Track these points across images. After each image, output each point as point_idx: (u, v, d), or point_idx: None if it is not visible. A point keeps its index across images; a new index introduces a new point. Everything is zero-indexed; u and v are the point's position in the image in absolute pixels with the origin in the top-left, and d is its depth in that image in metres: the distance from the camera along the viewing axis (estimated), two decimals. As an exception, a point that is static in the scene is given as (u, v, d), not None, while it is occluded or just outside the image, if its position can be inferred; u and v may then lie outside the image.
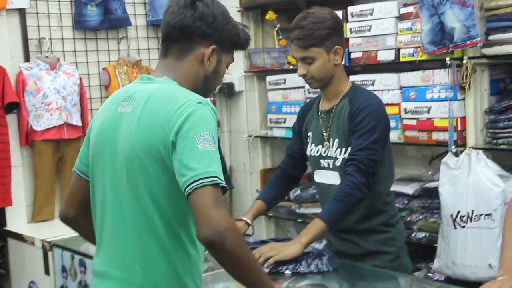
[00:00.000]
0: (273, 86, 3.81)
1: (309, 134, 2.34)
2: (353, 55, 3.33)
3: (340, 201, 2.08)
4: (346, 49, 3.34)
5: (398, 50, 3.13)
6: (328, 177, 2.27)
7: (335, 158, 2.23)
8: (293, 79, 3.70)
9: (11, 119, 3.37)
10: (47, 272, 3.09)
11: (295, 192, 3.71)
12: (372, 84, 3.23)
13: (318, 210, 3.61)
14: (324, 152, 2.27)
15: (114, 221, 1.63)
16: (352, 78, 3.31)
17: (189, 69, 1.68)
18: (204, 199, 1.45)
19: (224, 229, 1.43)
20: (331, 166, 2.24)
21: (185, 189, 1.47)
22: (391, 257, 2.24)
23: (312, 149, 2.32)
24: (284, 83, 3.75)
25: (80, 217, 1.77)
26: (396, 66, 3.21)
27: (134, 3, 3.86)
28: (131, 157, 1.57)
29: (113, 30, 3.77)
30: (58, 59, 3.52)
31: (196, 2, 1.66)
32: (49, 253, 3.05)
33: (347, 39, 3.34)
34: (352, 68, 3.47)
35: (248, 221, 2.29)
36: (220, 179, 1.48)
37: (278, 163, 4.02)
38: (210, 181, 1.46)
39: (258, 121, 4.05)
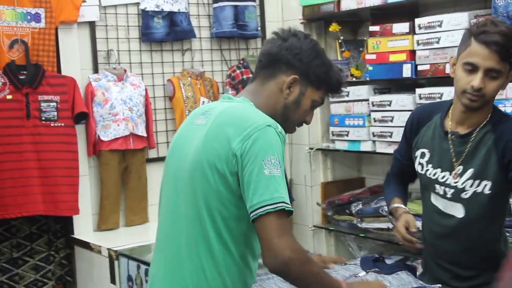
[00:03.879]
0: (336, 99, 3.78)
1: (424, 151, 2.10)
2: (420, 68, 3.27)
3: None
4: (413, 62, 3.29)
5: (468, 63, 3.05)
6: (446, 206, 2.05)
7: (462, 190, 1.99)
8: (357, 92, 3.67)
9: (79, 129, 3.45)
10: (113, 281, 3.13)
11: (357, 206, 3.67)
12: (440, 98, 3.16)
13: (380, 225, 3.58)
14: (443, 178, 2.04)
15: (171, 226, 1.69)
16: (418, 91, 3.27)
17: (269, 94, 1.73)
18: (269, 227, 1.51)
19: (288, 258, 1.51)
20: (449, 196, 2.02)
21: (250, 213, 1.53)
22: None
23: (427, 170, 2.08)
24: (348, 95, 3.71)
25: None
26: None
27: (198, 15, 3.90)
28: (196, 165, 1.62)
29: (177, 42, 3.82)
30: (125, 71, 3.58)
31: (291, 36, 1.73)
32: (115, 262, 3.09)
33: (414, 52, 3.30)
34: (417, 81, 3.42)
35: (405, 207, 2.15)
36: (286, 203, 1.53)
37: (339, 176, 4.04)
38: (274, 208, 1.51)
39: (319, 134, 4.02)
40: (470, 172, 1.98)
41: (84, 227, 3.48)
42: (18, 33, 3.25)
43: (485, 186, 1.95)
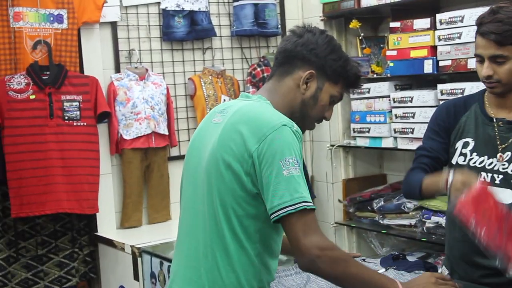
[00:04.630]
0: (357, 95, 3.78)
1: (467, 140, 2.08)
2: (441, 63, 3.24)
3: None
4: (434, 57, 3.27)
5: (489, 58, 3.03)
6: None
7: None
8: (378, 88, 3.65)
9: (102, 129, 3.49)
10: (136, 277, 3.16)
11: (378, 203, 3.66)
12: (462, 93, 3.14)
13: (402, 222, 3.56)
14: (490, 165, 2.02)
15: (189, 222, 1.71)
16: (440, 87, 3.25)
17: (286, 91, 1.73)
18: (293, 228, 1.53)
19: (315, 256, 1.51)
20: (498, 182, 1.99)
21: (271, 214, 1.55)
22: None
23: (471, 159, 2.06)
24: (368, 92, 3.70)
25: None
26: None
27: (219, 14, 3.92)
28: (211, 163, 1.64)
29: (198, 40, 3.84)
30: (147, 70, 3.61)
31: (306, 32, 1.73)
32: (138, 259, 3.13)
33: (435, 47, 3.28)
34: (438, 76, 3.39)
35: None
36: (307, 202, 1.54)
37: (360, 173, 4.04)
38: (295, 208, 1.52)
39: (340, 131, 4.02)
40: None
41: (107, 224, 3.53)
42: (41, 34, 3.30)
43: None
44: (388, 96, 3.58)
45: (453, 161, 2.11)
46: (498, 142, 2.02)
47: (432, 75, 3.33)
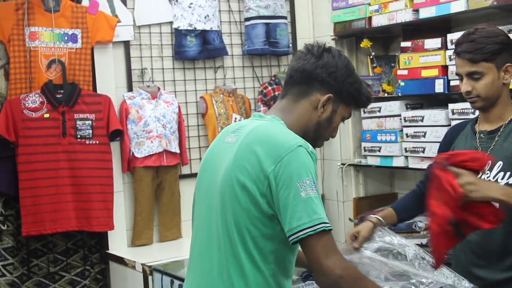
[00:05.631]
0: (368, 114, 3.79)
1: None
2: (452, 83, 3.26)
3: None
4: (445, 77, 3.28)
5: (501, 77, 3.03)
6: None
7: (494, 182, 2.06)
8: (389, 107, 3.66)
9: (114, 147, 3.51)
10: (147, 296, 3.17)
11: (389, 222, 3.65)
12: (473, 113, 3.14)
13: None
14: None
15: (203, 242, 1.71)
16: (451, 106, 3.25)
17: (302, 112, 1.73)
18: (314, 250, 1.53)
19: (339, 277, 1.53)
20: None
21: (289, 236, 1.55)
22: None
23: None
24: (379, 111, 3.71)
25: None
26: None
27: (230, 33, 3.95)
28: (226, 183, 1.64)
29: (210, 59, 3.87)
30: (159, 88, 3.64)
31: (324, 52, 1.73)
32: (149, 277, 3.13)
33: (446, 67, 3.29)
34: (449, 96, 3.40)
35: (379, 217, 2.22)
36: (325, 223, 1.55)
37: (371, 192, 4.03)
38: (315, 230, 1.53)
39: (351, 149, 4.02)
40: (499, 165, 2.06)
41: (118, 242, 3.54)
42: (56, 54, 3.34)
43: None
44: (399, 115, 3.59)
45: None
46: None
47: (443, 94, 3.34)
